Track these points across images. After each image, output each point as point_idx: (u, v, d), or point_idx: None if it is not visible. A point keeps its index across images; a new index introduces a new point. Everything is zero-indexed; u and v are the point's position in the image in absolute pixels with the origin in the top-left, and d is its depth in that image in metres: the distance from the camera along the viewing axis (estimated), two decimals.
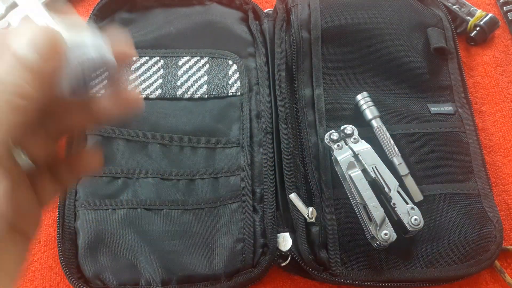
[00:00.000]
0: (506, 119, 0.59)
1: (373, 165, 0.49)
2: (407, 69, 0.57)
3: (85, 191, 0.51)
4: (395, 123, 0.54)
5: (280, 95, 0.56)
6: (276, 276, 0.51)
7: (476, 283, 0.50)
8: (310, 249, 0.48)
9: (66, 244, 0.48)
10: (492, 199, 0.51)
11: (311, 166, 0.53)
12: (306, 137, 0.54)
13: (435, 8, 0.62)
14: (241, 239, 0.49)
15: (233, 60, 0.60)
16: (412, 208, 0.46)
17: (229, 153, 0.54)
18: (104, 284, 0.47)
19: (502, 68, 0.63)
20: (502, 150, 0.57)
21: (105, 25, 0.62)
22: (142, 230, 0.49)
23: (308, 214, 0.49)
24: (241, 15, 0.64)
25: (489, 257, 0.48)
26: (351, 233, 0.49)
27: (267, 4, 0.69)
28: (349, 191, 0.49)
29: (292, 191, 0.51)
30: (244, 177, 0.52)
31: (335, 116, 0.55)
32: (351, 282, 0.47)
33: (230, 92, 0.58)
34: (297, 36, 0.59)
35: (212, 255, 0.48)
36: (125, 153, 0.53)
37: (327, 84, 0.57)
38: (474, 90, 0.61)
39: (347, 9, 0.59)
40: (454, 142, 0.54)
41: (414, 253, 0.48)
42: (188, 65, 0.59)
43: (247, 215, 0.50)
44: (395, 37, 0.58)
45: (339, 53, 0.58)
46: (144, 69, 0.59)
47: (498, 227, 0.49)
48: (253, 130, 0.56)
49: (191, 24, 0.62)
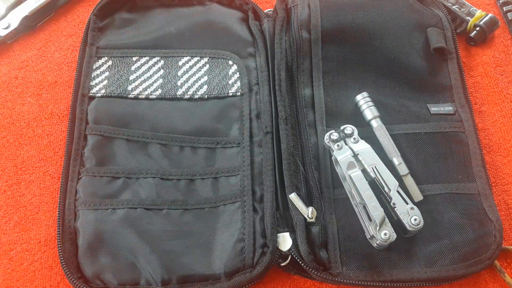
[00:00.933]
0: (506, 119, 0.59)
1: (373, 165, 0.49)
2: (407, 69, 0.58)
3: (85, 191, 0.51)
4: (395, 123, 0.54)
5: (280, 95, 0.56)
6: (276, 276, 0.51)
7: (476, 283, 0.50)
8: (310, 249, 0.48)
9: (66, 244, 0.48)
10: (492, 199, 0.51)
11: (311, 166, 0.53)
12: (306, 137, 0.54)
13: (435, 8, 0.62)
14: (241, 239, 0.49)
15: (233, 60, 0.60)
16: (412, 208, 0.46)
17: (229, 153, 0.54)
18: (104, 284, 0.47)
19: (502, 68, 0.63)
20: (502, 150, 0.57)
21: (105, 25, 0.62)
22: (142, 230, 0.49)
23: (308, 214, 0.49)
24: (241, 15, 0.64)
25: (489, 257, 0.48)
26: (351, 233, 0.49)
27: (267, 4, 0.69)
28: (349, 191, 0.49)
29: (292, 191, 0.51)
30: (244, 177, 0.52)
31: (335, 116, 0.55)
32: (351, 282, 0.47)
33: (230, 92, 0.58)
34: (297, 36, 0.59)
35: (212, 255, 0.48)
36: (125, 153, 0.53)
37: (327, 84, 0.57)
38: (474, 90, 0.61)
39: (347, 9, 0.59)
40: (454, 142, 0.54)
41: (414, 253, 0.48)
42: (188, 65, 0.59)
43: (247, 215, 0.50)
44: (395, 37, 0.58)
45: (339, 53, 0.58)
46: (144, 69, 0.59)
47: (498, 227, 0.49)
48: (253, 130, 0.56)
49: (191, 24, 0.62)
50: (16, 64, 0.64)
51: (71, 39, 0.66)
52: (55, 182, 0.55)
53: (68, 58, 0.64)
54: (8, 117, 0.60)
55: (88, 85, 0.57)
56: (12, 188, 0.55)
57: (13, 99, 0.61)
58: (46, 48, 0.65)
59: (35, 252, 0.51)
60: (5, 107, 0.60)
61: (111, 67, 0.59)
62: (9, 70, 0.63)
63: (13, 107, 0.60)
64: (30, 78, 0.63)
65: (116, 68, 0.59)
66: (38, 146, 0.58)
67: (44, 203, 0.54)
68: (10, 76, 0.63)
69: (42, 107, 0.60)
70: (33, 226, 0.53)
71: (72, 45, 0.65)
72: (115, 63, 0.59)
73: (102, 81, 0.58)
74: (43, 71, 0.63)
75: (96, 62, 0.59)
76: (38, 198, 0.54)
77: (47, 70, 0.63)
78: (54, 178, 0.56)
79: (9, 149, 0.57)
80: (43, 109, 0.60)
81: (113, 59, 0.59)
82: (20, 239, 0.52)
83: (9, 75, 0.63)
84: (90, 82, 0.58)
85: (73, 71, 0.62)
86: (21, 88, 0.62)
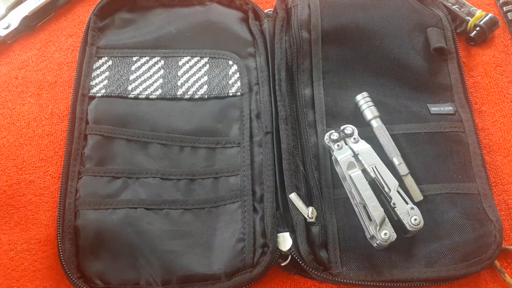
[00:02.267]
0: (506, 119, 0.59)
1: (373, 165, 0.49)
2: (407, 69, 0.58)
3: (86, 191, 0.51)
4: (395, 123, 0.54)
5: (280, 95, 0.56)
6: (276, 276, 0.51)
7: (476, 283, 0.50)
8: (310, 249, 0.48)
9: (66, 244, 0.48)
10: (492, 199, 0.51)
11: (311, 166, 0.53)
12: (306, 137, 0.54)
13: (435, 8, 0.62)
14: (241, 239, 0.49)
15: (233, 60, 0.60)
16: (412, 208, 0.46)
17: (229, 153, 0.54)
18: (105, 283, 0.47)
19: (502, 68, 0.63)
20: (502, 150, 0.57)
21: (105, 25, 0.62)
22: (142, 230, 0.49)
23: (308, 214, 0.49)
24: (241, 15, 0.64)
25: (489, 257, 0.48)
26: (351, 233, 0.49)
27: (267, 4, 0.69)
28: (349, 191, 0.49)
29: (292, 191, 0.51)
30: (244, 177, 0.52)
31: (335, 116, 0.55)
32: (351, 282, 0.47)
33: (230, 92, 0.58)
34: (297, 36, 0.59)
35: (212, 255, 0.48)
36: (126, 153, 0.53)
37: (327, 84, 0.57)
38: (474, 90, 0.61)
39: (347, 9, 0.59)
40: (454, 142, 0.54)
41: (414, 253, 0.48)
42: (189, 65, 0.59)
43: (247, 215, 0.50)
44: (395, 37, 0.58)
45: (339, 53, 0.58)
46: (145, 69, 0.59)
47: (498, 227, 0.49)
48: (253, 130, 0.56)
49: (191, 24, 0.62)
50: (16, 64, 0.64)
51: (71, 39, 0.66)
52: (55, 182, 0.55)
53: (68, 58, 0.64)
54: (8, 117, 0.60)
55: (88, 85, 0.57)
56: (12, 188, 0.55)
57: (13, 99, 0.61)
58: (46, 48, 0.65)
59: (35, 252, 0.51)
60: (5, 107, 0.60)
61: (111, 67, 0.59)
62: (9, 70, 0.63)
63: (13, 107, 0.60)
64: (30, 78, 0.63)
65: (116, 68, 0.59)
66: (38, 146, 0.58)
67: (44, 202, 0.54)
68: (10, 76, 0.63)
69: (42, 107, 0.60)
70: (33, 226, 0.53)
71: (72, 45, 0.65)
72: (115, 63, 0.59)
73: (102, 81, 0.58)
74: (43, 71, 0.63)
75: (96, 62, 0.59)
76: (38, 198, 0.54)
77: (47, 70, 0.63)
78: (54, 178, 0.56)
79: (9, 149, 0.57)
80: (43, 109, 0.60)
81: (113, 59, 0.59)
82: (20, 239, 0.52)
83: (9, 75, 0.63)
84: (90, 82, 0.58)
85: (73, 71, 0.61)
86: (21, 88, 0.62)
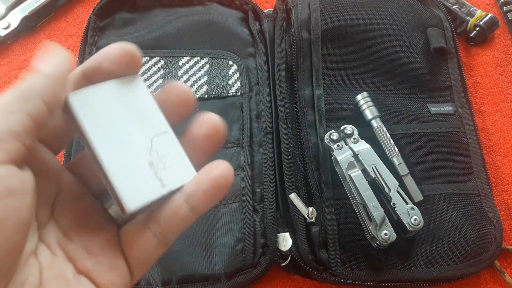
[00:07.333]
0: (506, 119, 0.59)
1: (373, 165, 0.49)
2: (407, 69, 0.57)
3: None
4: (395, 123, 0.54)
5: (280, 95, 0.56)
6: (276, 276, 0.51)
7: (476, 283, 0.50)
8: (310, 249, 0.48)
9: None
10: (492, 199, 0.51)
11: (311, 166, 0.53)
12: (306, 137, 0.54)
13: (435, 8, 0.62)
14: (241, 239, 0.49)
15: (233, 60, 0.60)
16: (412, 208, 0.46)
17: (229, 153, 0.54)
18: None
19: (502, 68, 0.63)
20: (502, 150, 0.57)
21: (105, 25, 0.62)
22: None
23: (308, 214, 0.49)
24: (241, 15, 0.64)
25: (489, 257, 0.48)
26: (351, 233, 0.49)
27: (267, 4, 0.69)
28: (349, 191, 0.49)
29: (292, 191, 0.51)
30: (244, 177, 0.52)
31: (335, 116, 0.55)
32: (351, 282, 0.47)
33: (230, 92, 0.58)
34: (297, 36, 0.59)
35: (212, 255, 0.48)
36: None
37: (327, 84, 0.57)
38: (474, 90, 0.61)
39: (347, 9, 0.59)
40: (454, 142, 0.54)
41: (414, 253, 0.48)
42: (188, 65, 0.59)
43: (247, 215, 0.50)
44: (395, 37, 0.58)
45: (339, 53, 0.58)
46: (144, 69, 0.59)
47: (498, 227, 0.49)
48: (253, 130, 0.56)
49: (191, 24, 0.62)
50: (16, 64, 0.64)
51: (71, 39, 0.66)
52: None
53: None
54: None
55: None
56: None
57: None
58: None
59: None
60: None
61: None
62: (9, 70, 0.63)
63: None
64: None
65: None
66: None
67: None
68: (10, 76, 0.63)
69: None
70: None
71: (72, 45, 0.65)
72: None
73: None
74: None
75: None
76: None
77: None
78: None
79: None
80: None
81: None
82: None
83: (9, 75, 0.63)
84: None
85: None
86: None
